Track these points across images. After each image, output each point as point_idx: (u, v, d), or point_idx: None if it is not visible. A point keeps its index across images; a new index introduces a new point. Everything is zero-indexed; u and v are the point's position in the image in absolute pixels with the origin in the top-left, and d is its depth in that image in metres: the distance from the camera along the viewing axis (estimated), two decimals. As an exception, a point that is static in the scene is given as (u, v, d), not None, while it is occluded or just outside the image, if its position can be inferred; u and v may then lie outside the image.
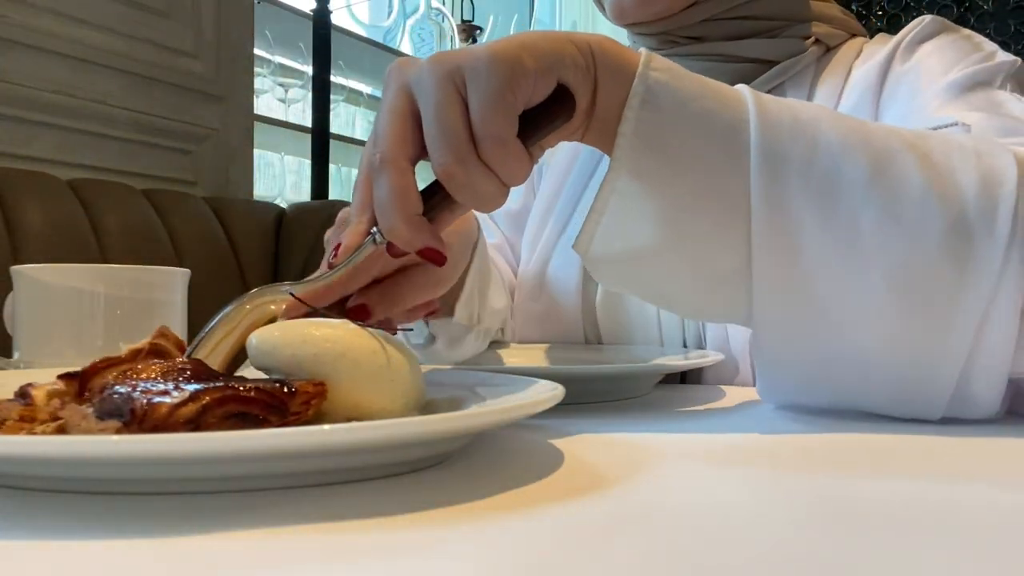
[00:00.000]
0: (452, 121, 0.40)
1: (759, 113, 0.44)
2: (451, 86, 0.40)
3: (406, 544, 0.25)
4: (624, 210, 0.44)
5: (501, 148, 0.40)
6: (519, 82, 0.41)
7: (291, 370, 0.36)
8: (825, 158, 0.43)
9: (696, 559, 0.24)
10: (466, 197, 0.41)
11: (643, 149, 0.43)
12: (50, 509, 0.28)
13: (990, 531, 0.27)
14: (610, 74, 0.43)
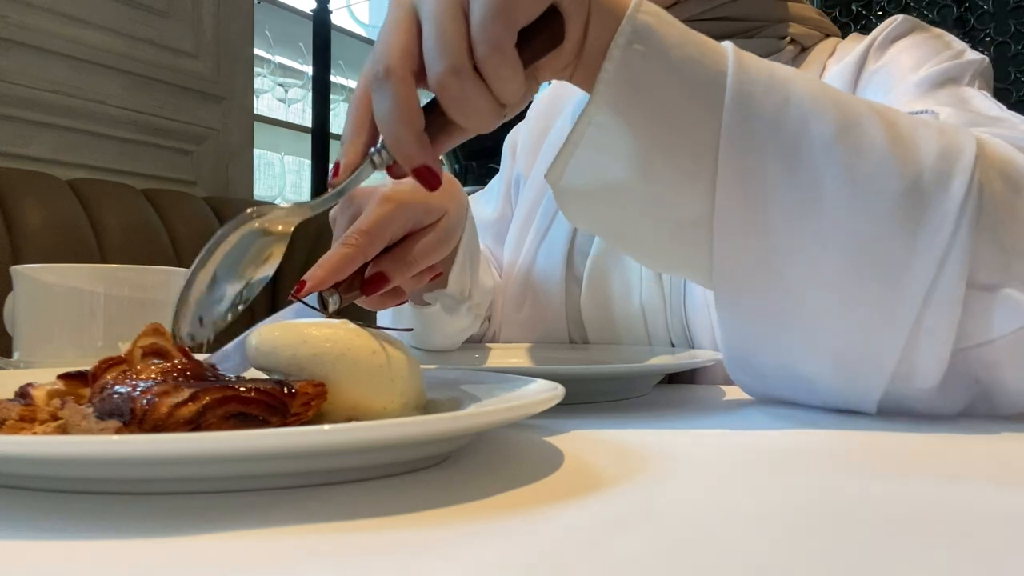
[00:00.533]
0: (451, 30, 0.40)
1: (737, 68, 0.44)
2: (455, 3, 0.40)
3: (406, 544, 0.25)
4: (598, 143, 0.44)
5: (498, 55, 0.40)
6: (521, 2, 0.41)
7: (291, 370, 0.36)
8: (795, 115, 0.44)
9: (696, 559, 0.24)
10: (459, 111, 0.41)
11: (624, 86, 0.43)
12: (50, 509, 0.28)
13: (993, 531, 0.27)
14: (602, 11, 0.44)
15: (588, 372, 0.55)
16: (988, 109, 0.60)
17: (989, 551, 0.25)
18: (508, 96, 0.42)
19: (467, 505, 0.29)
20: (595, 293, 0.75)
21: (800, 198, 0.43)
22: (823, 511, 0.29)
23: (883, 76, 0.69)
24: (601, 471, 0.35)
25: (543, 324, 0.79)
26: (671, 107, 0.44)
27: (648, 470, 0.35)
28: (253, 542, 0.25)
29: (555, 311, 0.77)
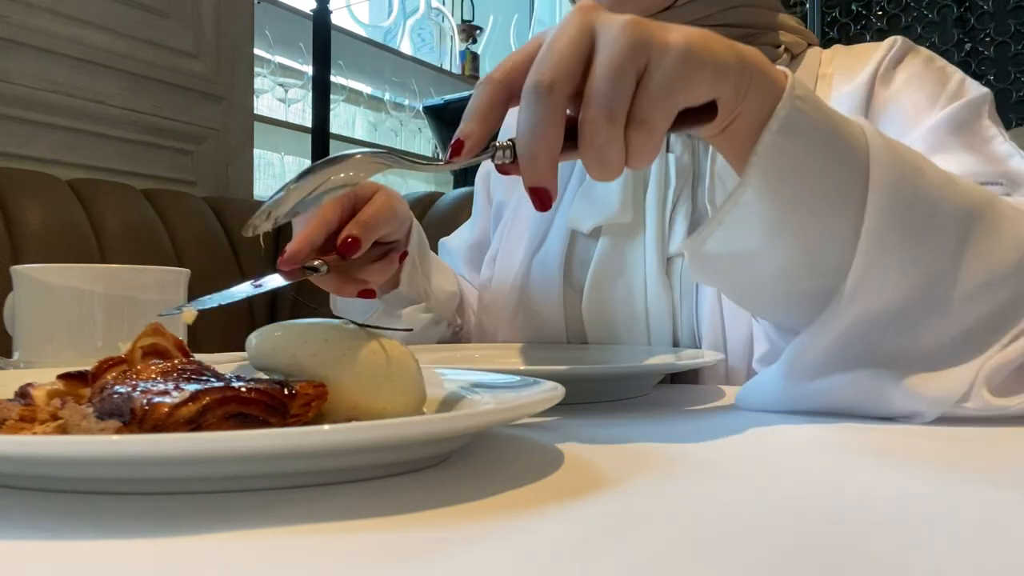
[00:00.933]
0: (622, 92, 0.41)
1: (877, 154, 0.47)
2: (637, 59, 0.41)
3: (406, 544, 0.25)
4: (741, 220, 0.47)
5: (648, 136, 0.42)
6: (693, 89, 0.43)
7: (291, 370, 0.36)
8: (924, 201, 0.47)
9: (696, 559, 0.24)
10: (592, 156, 0.42)
11: (772, 171, 0.45)
12: (50, 509, 0.28)
13: (995, 532, 0.27)
14: (759, 91, 0.46)
15: (588, 372, 0.55)
16: (1009, 157, 0.65)
17: (991, 551, 0.25)
18: (638, 164, 0.43)
19: (467, 505, 0.29)
20: (597, 300, 0.76)
21: (924, 272, 0.47)
22: (824, 510, 0.29)
23: (896, 110, 0.72)
24: (601, 471, 0.35)
25: (540, 334, 0.80)
26: (815, 193, 0.46)
27: (648, 470, 0.35)
28: (253, 542, 0.25)
29: (554, 321, 0.79)
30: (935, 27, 3.01)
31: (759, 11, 0.80)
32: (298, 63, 2.62)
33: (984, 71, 2.94)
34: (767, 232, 0.47)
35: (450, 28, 3.45)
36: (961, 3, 2.98)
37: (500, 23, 3.66)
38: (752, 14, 0.79)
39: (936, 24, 3.01)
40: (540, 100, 0.41)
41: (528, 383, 0.41)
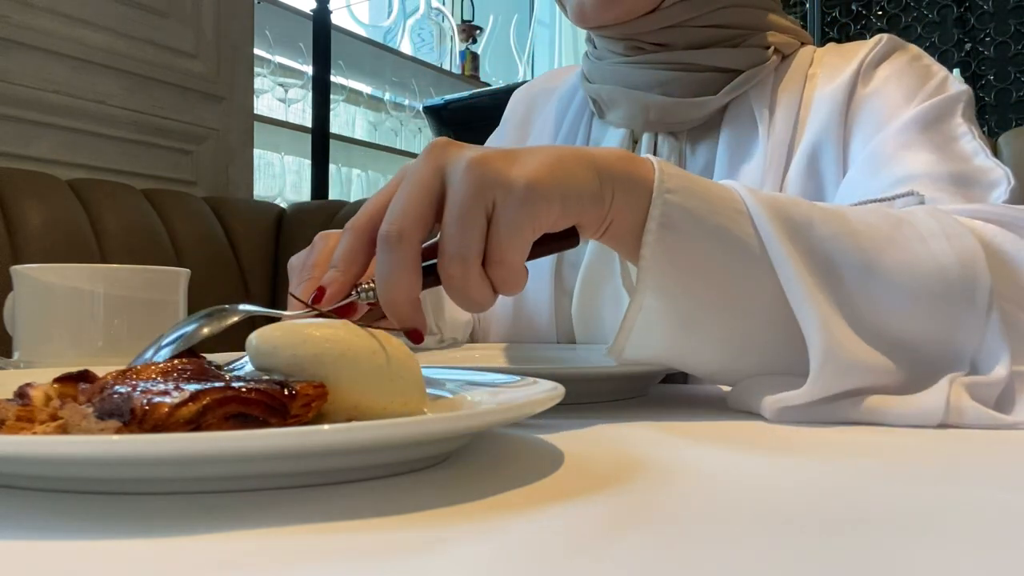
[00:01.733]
0: (471, 236, 0.42)
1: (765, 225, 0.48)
2: (484, 200, 0.42)
3: (406, 544, 0.25)
4: (650, 323, 0.48)
5: (506, 272, 0.43)
6: (542, 222, 0.44)
7: (291, 370, 0.36)
8: (823, 257, 0.48)
9: (696, 559, 0.24)
10: (457, 294, 0.44)
11: (665, 268, 0.47)
12: (50, 509, 0.28)
13: (996, 532, 0.27)
14: (626, 197, 0.47)
15: (588, 372, 0.55)
16: (975, 155, 0.65)
17: (991, 551, 0.25)
18: (508, 292, 0.45)
19: (467, 505, 0.29)
20: (587, 303, 0.77)
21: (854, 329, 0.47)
22: (824, 510, 0.29)
23: (873, 106, 0.72)
24: (601, 471, 0.35)
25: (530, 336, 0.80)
26: (712, 274, 0.47)
27: (648, 470, 0.35)
28: (253, 542, 0.25)
29: (544, 323, 0.79)
30: (935, 27, 3.01)
31: (748, 11, 0.79)
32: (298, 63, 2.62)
33: (984, 71, 2.94)
34: (679, 327, 0.48)
35: (450, 28, 3.45)
36: (961, 3, 2.98)
37: (500, 23, 3.66)
38: (740, 14, 0.79)
39: (936, 24, 3.01)
40: (392, 250, 0.42)
41: (528, 383, 0.41)
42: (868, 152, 0.69)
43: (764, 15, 0.80)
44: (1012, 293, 0.49)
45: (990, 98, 2.92)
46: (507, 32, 3.74)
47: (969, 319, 0.48)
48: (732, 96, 0.77)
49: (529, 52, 3.88)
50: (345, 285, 0.44)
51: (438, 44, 3.46)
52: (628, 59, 0.80)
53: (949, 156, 0.65)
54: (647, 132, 0.80)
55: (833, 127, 0.73)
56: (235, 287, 1.49)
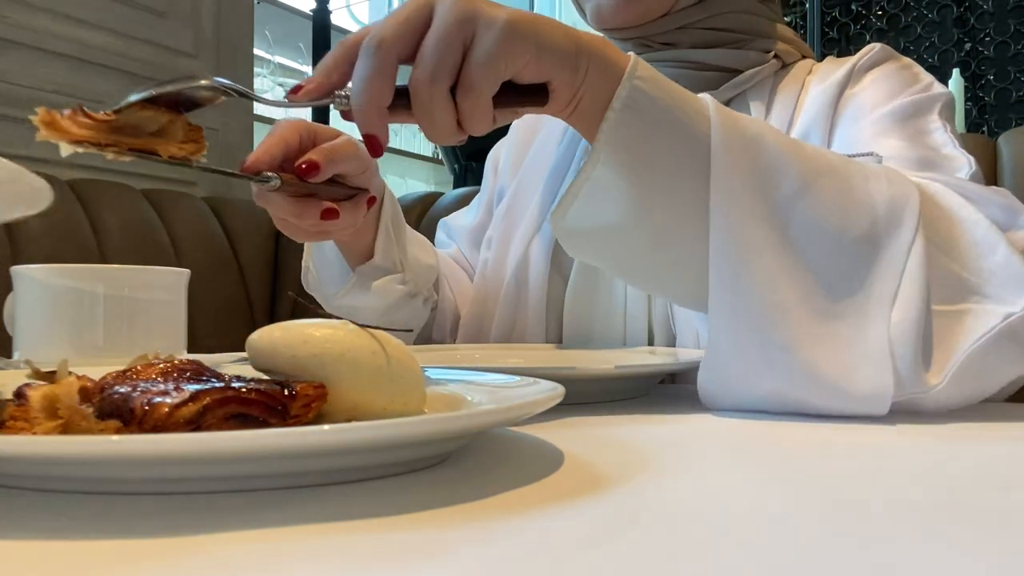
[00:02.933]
0: (446, 58, 0.46)
1: (719, 127, 0.50)
2: (464, 30, 0.46)
3: (406, 544, 0.25)
4: (596, 194, 0.50)
5: (473, 98, 0.47)
6: (516, 60, 0.47)
7: (291, 371, 0.36)
8: (767, 170, 0.50)
9: (696, 559, 0.24)
10: (422, 116, 0.47)
11: (620, 146, 0.49)
12: (50, 509, 0.28)
13: (998, 532, 0.27)
14: (599, 74, 0.50)
15: (588, 372, 0.55)
16: (943, 145, 0.68)
17: (992, 551, 0.25)
18: (472, 129, 0.48)
19: (467, 505, 0.29)
20: (581, 289, 0.79)
21: (775, 240, 0.49)
22: (824, 510, 0.29)
23: (856, 104, 0.76)
24: (601, 471, 0.35)
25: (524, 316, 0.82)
26: (662, 163, 0.50)
27: (648, 470, 0.35)
28: (253, 542, 0.25)
29: (537, 305, 0.81)
30: (935, 27, 3.01)
31: (753, 18, 0.84)
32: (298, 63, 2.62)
33: (984, 71, 2.94)
34: (624, 203, 0.50)
35: (450, 28, 3.44)
36: (961, 3, 2.98)
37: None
38: (745, 20, 0.83)
39: (936, 24, 3.01)
40: (369, 56, 0.46)
41: (528, 383, 0.41)
42: (844, 139, 0.73)
43: (768, 24, 0.85)
44: (941, 241, 0.51)
45: (990, 98, 2.92)
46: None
47: (888, 259, 0.49)
48: (732, 94, 0.81)
49: (529, 52, 3.87)
50: (322, 85, 0.48)
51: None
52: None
53: (918, 144, 0.68)
54: None
55: (820, 121, 0.76)
56: (235, 287, 1.49)
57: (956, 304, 0.49)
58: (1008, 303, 0.48)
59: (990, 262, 0.50)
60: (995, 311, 0.48)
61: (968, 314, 0.49)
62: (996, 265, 0.50)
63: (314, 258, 0.80)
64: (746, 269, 0.49)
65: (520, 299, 0.83)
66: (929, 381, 0.47)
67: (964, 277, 0.50)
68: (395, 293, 0.78)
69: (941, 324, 0.48)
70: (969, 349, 0.47)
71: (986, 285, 0.49)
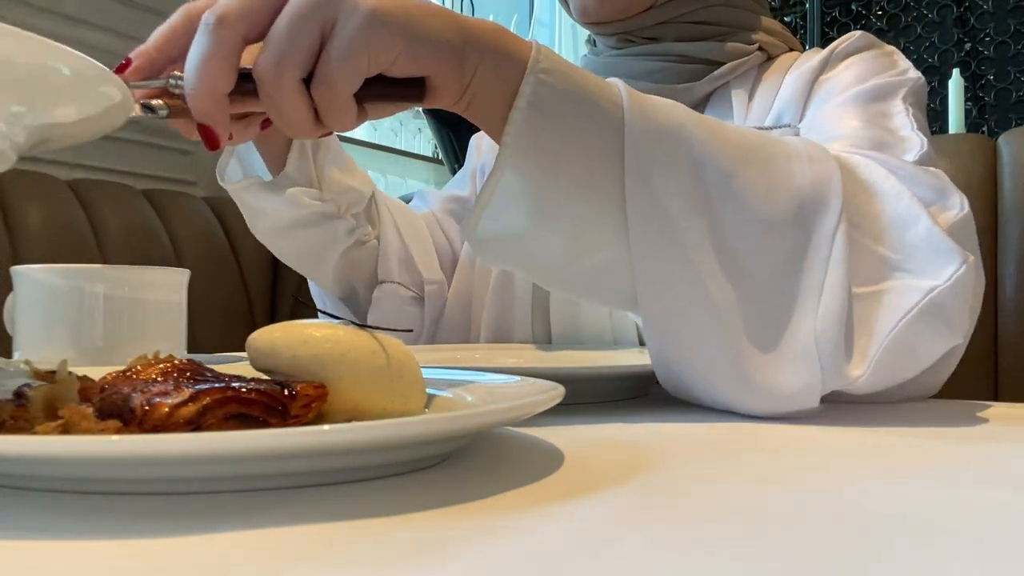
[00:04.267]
0: (295, 42, 0.40)
1: (632, 117, 0.47)
2: (321, 13, 0.40)
3: (406, 544, 0.25)
4: (506, 200, 0.46)
5: (329, 95, 0.41)
6: (380, 56, 0.41)
7: (291, 371, 0.36)
8: (688, 160, 0.48)
9: (696, 559, 0.24)
10: (266, 104, 0.41)
11: (527, 149, 0.45)
12: (50, 509, 0.28)
13: (998, 532, 0.27)
14: (494, 67, 0.45)
15: (588, 372, 0.55)
16: (901, 127, 0.65)
17: (992, 551, 0.25)
18: (332, 125, 0.43)
19: (467, 505, 0.29)
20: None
21: (700, 237, 0.47)
22: (825, 509, 0.29)
23: (828, 87, 0.75)
24: (601, 471, 0.35)
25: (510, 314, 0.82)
26: (574, 163, 0.46)
27: (648, 470, 0.35)
28: (253, 542, 0.25)
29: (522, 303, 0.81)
30: (935, 27, 3.01)
31: (737, 11, 0.84)
32: (298, 63, 2.62)
33: (984, 71, 2.94)
34: (536, 209, 0.46)
35: (450, 28, 3.44)
36: (961, 3, 2.98)
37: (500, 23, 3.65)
38: (729, 13, 0.83)
39: (936, 24, 3.01)
40: (208, 33, 0.40)
41: (528, 383, 0.41)
42: (810, 121, 0.73)
43: (752, 16, 0.85)
44: (860, 218, 0.49)
45: (990, 98, 2.92)
46: (508, 32, 3.73)
47: (816, 244, 0.47)
48: (715, 85, 0.81)
49: (529, 52, 3.88)
50: (153, 61, 0.42)
51: (438, 44, 3.46)
52: (620, 51, 0.85)
53: (875, 126, 0.66)
54: None
55: (795, 103, 0.76)
56: (235, 287, 1.49)
57: (877, 284, 0.47)
58: (931, 276, 0.47)
59: (911, 235, 0.48)
60: (917, 285, 0.47)
61: (888, 292, 0.47)
62: (918, 238, 0.48)
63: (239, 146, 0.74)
64: (674, 269, 0.47)
65: (507, 298, 0.83)
66: (851, 373, 0.46)
67: (884, 255, 0.48)
68: (305, 207, 0.73)
69: (862, 307, 0.47)
70: (892, 333, 0.46)
71: (908, 260, 0.48)
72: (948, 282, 0.46)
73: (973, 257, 0.48)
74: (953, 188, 0.55)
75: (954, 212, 0.52)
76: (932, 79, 2.93)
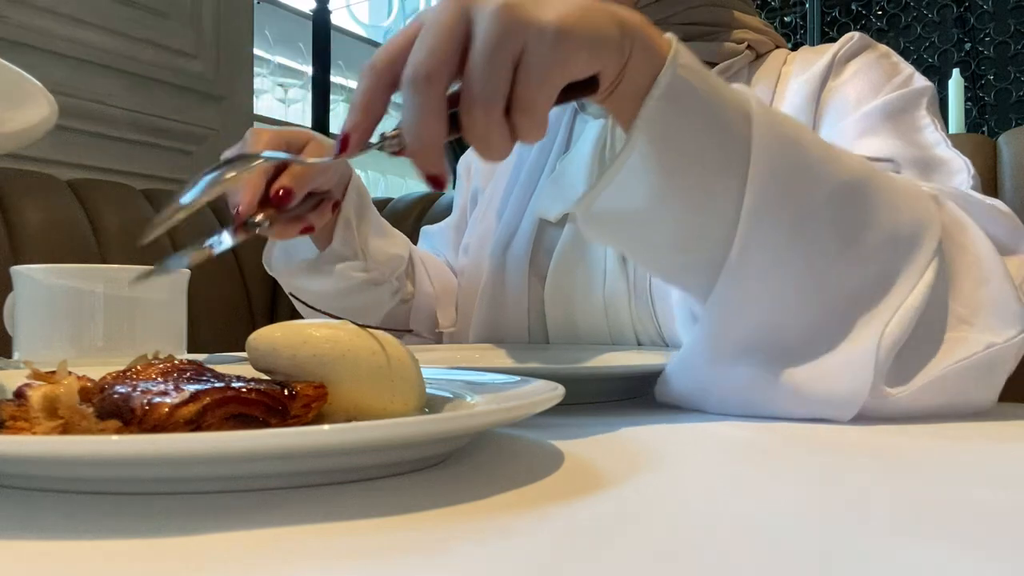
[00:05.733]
0: (498, 79, 0.41)
1: (761, 129, 0.48)
2: (513, 44, 0.41)
3: (406, 544, 0.25)
4: (628, 181, 0.47)
5: (531, 117, 0.42)
6: (571, 69, 0.43)
7: (291, 371, 0.36)
8: (803, 174, 0.49)
9: (697, 559, 0.24)
10: (475, 141, 0.43)
11: (657, 135, 0.46)
12: (50, 509, 0.28)
13: (997, 532, 0.27)
14: (642, 57, 0.46)
15: (588, 372, 0.56)
16: (936, 144, 0.67)
17: (992, 551, 0.25)
18: (528, 142, 0.44)
19: (467, 505, 0.29)
20: (559, 286, 0.79)
21: (795, 252, 0.48)
22: (824, 509, 0.29)
23: (840, 98, 0.75)
24: (601, 471, 0.35)
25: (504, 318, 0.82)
26: (698, 157, 0.47)
27: (648, 470, 0.35)
28: (253, 542, 0.25)
29: (516, 306, 0.81)
30: (935, 27, 3.01)
31: (721, 10, 0.84)
32: (298, 63, 2.62)
33: (984, 71, 2.94)
34: (653, 195, 0.47)
35: (450, 28, 3.44)
36: (961, 3, 2.98)
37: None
38: (713, 13, 0.83)
39: (936, 24, 3.01)
40: (419, 92, 0.41)
41: (528, 383, 0.41)
42: (829, 136, 0.72)
43: (739, 15, 0.85)
44: (943, 267, 0.50)
45: (990, 98, 2.92)
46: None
47: (898, 283, 0.48)
48: None
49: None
50: (367, 131, 0.44)
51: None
52: None
53: (911, 143, 0.67)
54: None
55: (803, 115, 0.76)
56: (235, 287, 1.49)
57: (940, 334, 0.49)
58: (992, 332, 0.48)
59: (983, 293, 0.50)
60: (977, 339, 0.48)
61: (948, 342, 0.49)
62: (988, 296, 0.50)
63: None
64: (758, 283, 0.48)
65: (499, 302, 0.83)
66: (892, 392, 0.47)
67: (954, 309, 0.50)
68: (354, 279, 0.78)
69: (919, 344, 0.48)
70: (945, 369, 0.47)
71: (974, 315, 0.49)
72: (1006, 344, 0.48)
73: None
74: (1022, 227, 0.56)
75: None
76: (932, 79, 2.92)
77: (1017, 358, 0.50)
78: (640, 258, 0.55)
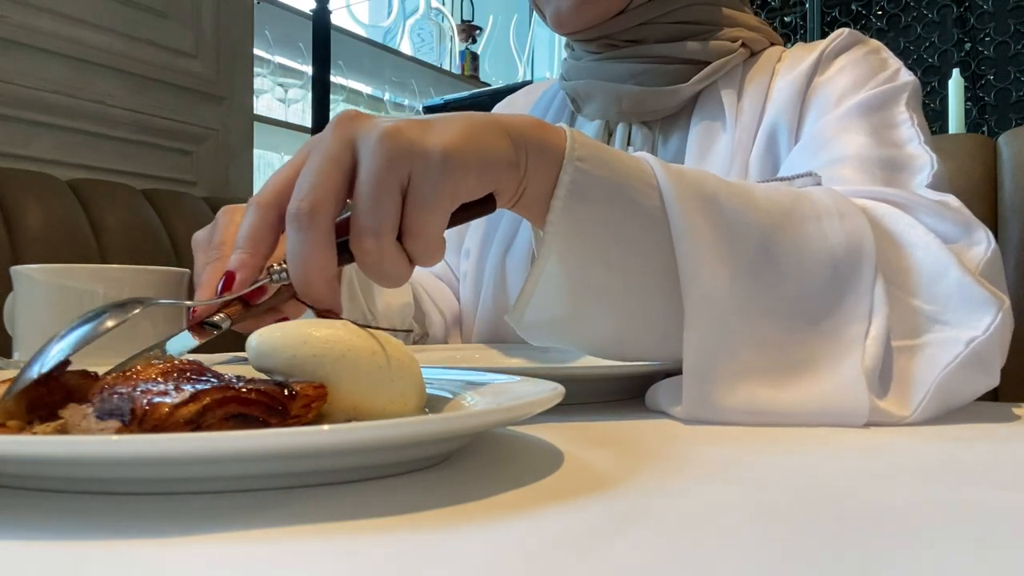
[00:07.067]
0: (386, 208, 0.40)
1: (673, 199, 0.48)
2: (399, 172, 0.40)
3: (405, 544, 0.25)
4: (551, 289, 0.48)
5: (424, 243, 0.42)
6: (461, 193, 0.43)
7: (291, 371, 0.36)
8: (728, 231, 0.49)
9: (696, 559, 0.24)
10: (373, 272, 0.42)
11: (570, 235, 0.47)
12: (50, 509, 0.28)
13: (996, 532, 0.27)
14: (539, 162, 0.47)
15: (588, 372, 0.55)
16: (908, 141, 0.67)
17: (991, 551, 0.25)
18: (426, 264, 0.43)
19: (467, 505, 0.29)
20: None
21: (741, 301, 0.48)
22: (824, 509, 0.29)
23: (824, 93, 0.75)
24: (601, 471, 0.35)
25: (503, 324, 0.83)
26: (616, 243, 0.48)
27: (648, 470, 0.35)
28: (253, 542, 0.25)
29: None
30: (935, 27, 3.01)
31: (714, 9, 0.83)
32: (298, 63, 2.62)
33: (984, 71, 2.94)
34: (580, 294, 0.48)
35: (450, 28, 3.45)
36: (961, 3, 2.98)
37: (500, 23, 3.66)
38: (707, 11, 0.83)
39: (936, 24, 3.01)
40: (303, 228, 0.40)
41: (528, 383, 0.41)
42: (812, 133, 0.73)
43: (733, 14, 0.84)
44: (893, 272, 0.50)
45: (990, 98, 2.92)
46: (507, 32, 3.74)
47: (854, 300, 0.49)
48: (702, 85, 0.81)
49: (529, 52, 3.89)
50: (255, 268, 0.42)
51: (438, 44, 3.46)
52: (603, 55, 0.85)
53: (882, 141, 0.67)
54: (621, 122, 0.85)
55: (790, 110, 0.76)
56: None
57: (917, 338, 0.49)
58: (969, 327, 0.48)
59: (943, 286, 0.49)
60: (956, 337, 0.48)
61: (929, 345, 0.48)
62: (950, 289, 0.49)
63: None
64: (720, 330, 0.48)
65: (499, 307, 0.83)
66: (898, 414, 0.47)
67: (920, 307, 0.50)
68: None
69: (904, 359, 0.48)
70: (935, 383, 0.47)
71: (944, 312, 0.49)
72: (987, 333, 0.48)
73: (1008, 302, 0.49)
74: (977, 223, 0.55)
75: (981, 249, 0.53)
76: (932, 79, 2.93)
77: (1008, 336, 0.49)
78: (589, 349, 0.54)
